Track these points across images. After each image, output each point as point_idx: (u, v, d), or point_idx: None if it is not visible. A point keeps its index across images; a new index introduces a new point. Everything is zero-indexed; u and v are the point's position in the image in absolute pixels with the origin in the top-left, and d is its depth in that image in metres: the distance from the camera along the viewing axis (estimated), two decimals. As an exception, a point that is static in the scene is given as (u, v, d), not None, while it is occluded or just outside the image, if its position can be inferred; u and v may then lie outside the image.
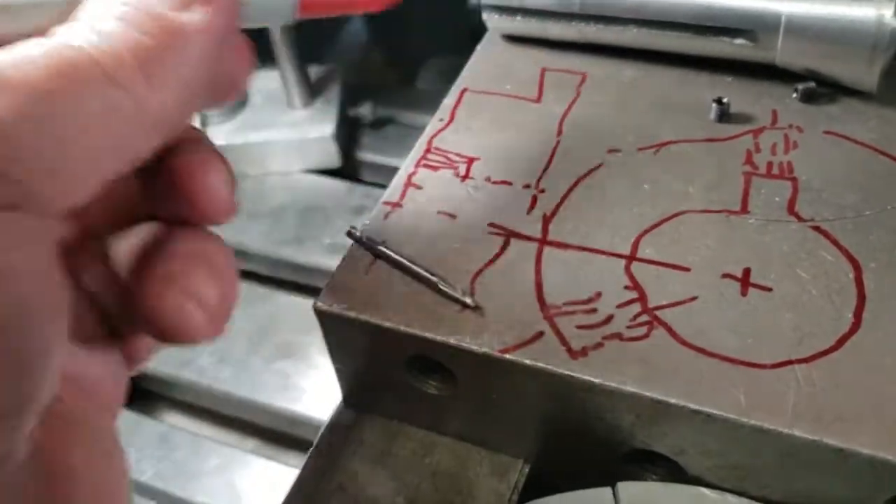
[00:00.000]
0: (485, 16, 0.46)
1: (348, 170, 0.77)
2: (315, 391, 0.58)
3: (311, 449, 0.36)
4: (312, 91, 0.76)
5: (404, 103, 0.80)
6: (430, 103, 0.43)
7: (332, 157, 0.75)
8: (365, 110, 0.79)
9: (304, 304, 0.46)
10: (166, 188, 0.22)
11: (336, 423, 0.37)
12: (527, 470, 0.35)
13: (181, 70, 0.19)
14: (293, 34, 0.73)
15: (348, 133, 0.78)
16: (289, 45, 0.72)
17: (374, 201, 0.38)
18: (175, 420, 0.62)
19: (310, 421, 0.57)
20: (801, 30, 0.38)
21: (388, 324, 0.32)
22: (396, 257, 0.34)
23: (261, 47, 0.77)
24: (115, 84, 0.18)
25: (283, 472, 0.53)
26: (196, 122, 0.74)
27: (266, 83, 0.77)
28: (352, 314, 0.32)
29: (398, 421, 0.37)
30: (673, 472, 0.32)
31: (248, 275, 0.69)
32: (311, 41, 0.90)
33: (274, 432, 0.60)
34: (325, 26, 1.01)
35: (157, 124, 0.19)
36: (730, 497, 0.30)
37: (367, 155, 0.77)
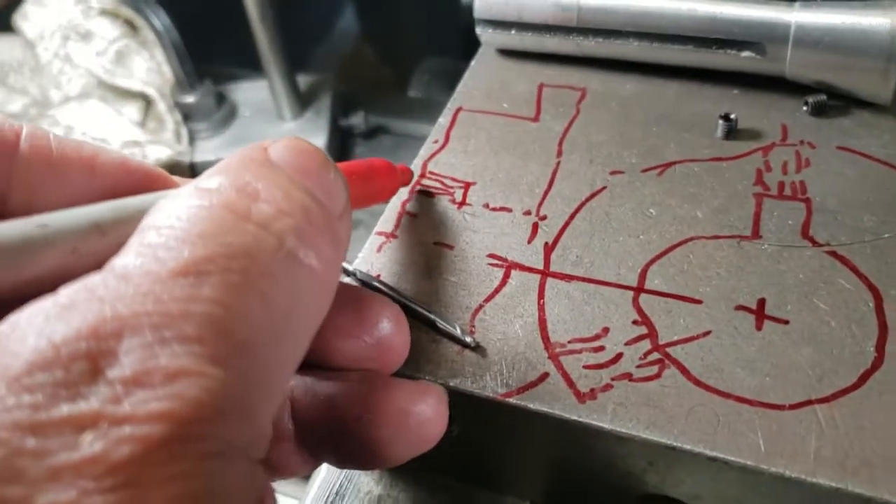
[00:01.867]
0: (478, 30, 0.44)
1: (342, 181, 0.75)
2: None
3: (304, 494, 0.35)
4: (303, 101, 0.74)
5: (397, 111, 0.78)
6: (423, 111, 0.42)
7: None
8: (357, 120, 0.77)
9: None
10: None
11: (331, 469, 0.35)
12: (535, 512, 0.33)
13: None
14: (282, 43, 0.71)
15: (341, 143, 0.76)
16: (277, 54, 0.70)
17: (370, 214, 0.36)
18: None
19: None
20: (812, 41, 0.36)
21: (383, 366, 0.30)
22: (391, 293, 0.32)
23: (248, 58, 0.76)
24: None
25: None
26: (184, 138, 0.73)
27: (255, 94, 0.75)
28: (345, 356, 0.30)
29: (398, 462, 0.35)
30: (688, 516, 0.30)
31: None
32: (301, 44, 0.88)
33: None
34: (316, 26, 1.00)
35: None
36: (749, 545, 0.29)
37: (360, 165, 0.76)
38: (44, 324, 0.16)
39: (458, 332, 0.30)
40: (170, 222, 0.19)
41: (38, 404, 0.15)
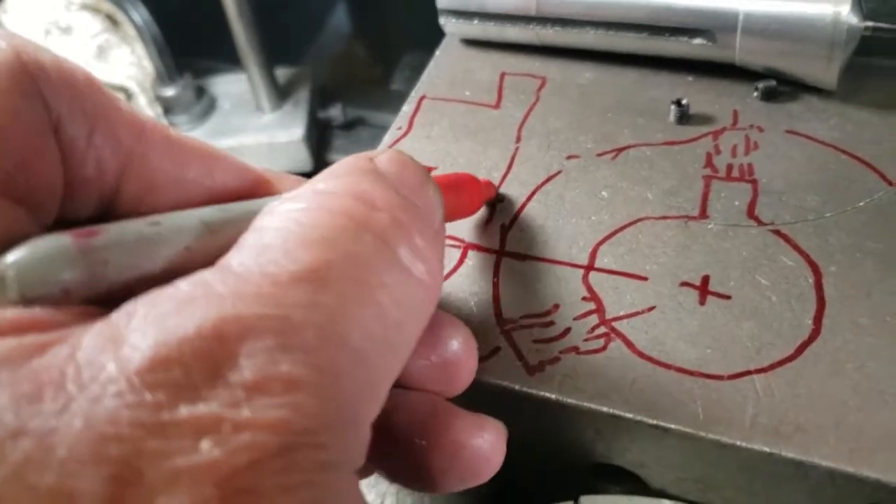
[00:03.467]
0: (442, 20, 0.45)
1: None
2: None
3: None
4: (281, 94, 0.75)
5: (375, 104, 0.79)
6: (401, 104, 0.43)
7: (304, 160, 0.74)
8: (335, 112, 0.78)
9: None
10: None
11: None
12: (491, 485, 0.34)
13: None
14: (260, 36, 0.72)
15: (319, 135, 0.77)
16: (255, 47, 0.71)
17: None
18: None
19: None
20: (759, 28, 0.37)
21: (342, 343, 0.31)
22: None
23: (226, 50, 0.76)
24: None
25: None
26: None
27: (234, 87, 0.76)
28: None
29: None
30: (636, 485, 0.31)
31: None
32: (291, 41, 0.89)
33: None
34: (305, 25, 1.01)
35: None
36: (692, 510, 0.30)
37: (339, 157, 0.76)
38: (163, 317, 0.16)
39: None
40: (288, 224, 0.19)
41: (160, 404, 0.15)
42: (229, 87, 0.77)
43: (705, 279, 0.32)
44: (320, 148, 0.76)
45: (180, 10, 0.80)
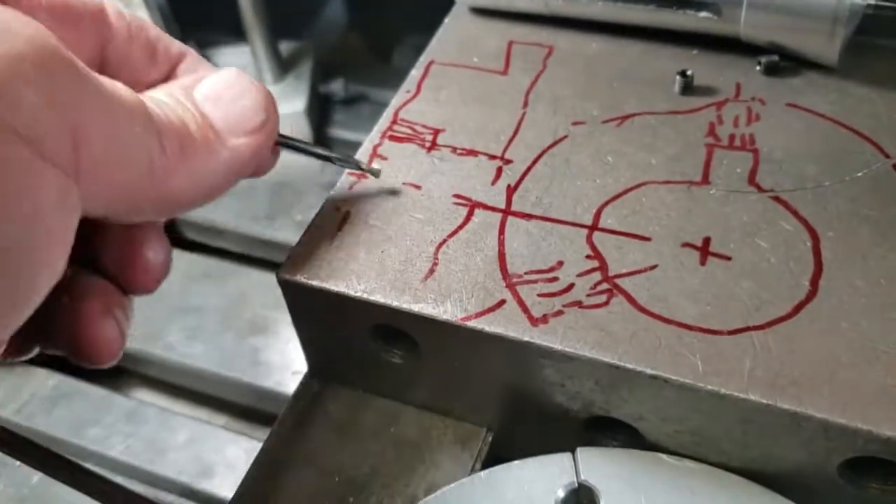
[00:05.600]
0: (452, -12, 0.46)
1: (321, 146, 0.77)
2: (285, 366, 0.58)
3: (276, 419, 0.36)
4: (284, 67, 0.76)
5: (377, 80, 0.80)
6: (403, 80, 0.43)
7: (304, 134, 0.75)
8: (337, 87, 0.78)
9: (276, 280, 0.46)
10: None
11: (301, 394, 0.37)
12: (490, 438, 0.35)
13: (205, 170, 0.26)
14: (265, 9, 0.72)
15: (320, 109, 0.78)
16: (259, 19, 0.72)
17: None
18: (145, 396, 0.61)
19: (280, 396, 0.56)
20: (764, 3, 0.38)
21: (351, 293, 0.32)
22: (295, 143, 0.33)
23: (231, 21, 0.76)
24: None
25: (252, 447, 0.53)
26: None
27: (236, 59, 0.77)
28: (315, 283, 0.32)
29: (363, 391, 0.37)
30: (633, 439, 0.32)
31: (219, 252, 0.69)
32: (289, 21, 0.90)
33: (244, 407, 0.60)
34: (304, 6, 1.01)
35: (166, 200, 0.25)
36: (688, 462, 0.31)
37: (339, 131, 0.77)
38: None
39: (355, 165, 0.35)
40: None
41: None
42: (232, 58, 0.77)
43: (706, 241, 0.32)
44: (321, 121, 0.77)
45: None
